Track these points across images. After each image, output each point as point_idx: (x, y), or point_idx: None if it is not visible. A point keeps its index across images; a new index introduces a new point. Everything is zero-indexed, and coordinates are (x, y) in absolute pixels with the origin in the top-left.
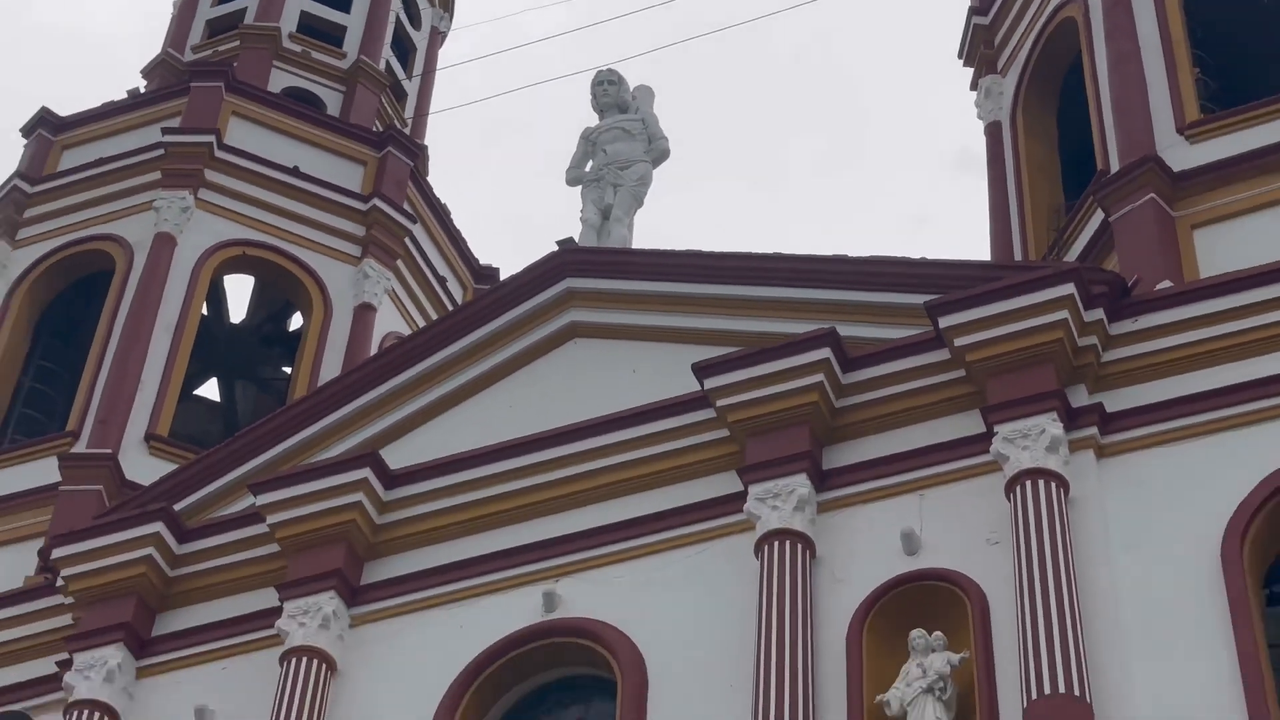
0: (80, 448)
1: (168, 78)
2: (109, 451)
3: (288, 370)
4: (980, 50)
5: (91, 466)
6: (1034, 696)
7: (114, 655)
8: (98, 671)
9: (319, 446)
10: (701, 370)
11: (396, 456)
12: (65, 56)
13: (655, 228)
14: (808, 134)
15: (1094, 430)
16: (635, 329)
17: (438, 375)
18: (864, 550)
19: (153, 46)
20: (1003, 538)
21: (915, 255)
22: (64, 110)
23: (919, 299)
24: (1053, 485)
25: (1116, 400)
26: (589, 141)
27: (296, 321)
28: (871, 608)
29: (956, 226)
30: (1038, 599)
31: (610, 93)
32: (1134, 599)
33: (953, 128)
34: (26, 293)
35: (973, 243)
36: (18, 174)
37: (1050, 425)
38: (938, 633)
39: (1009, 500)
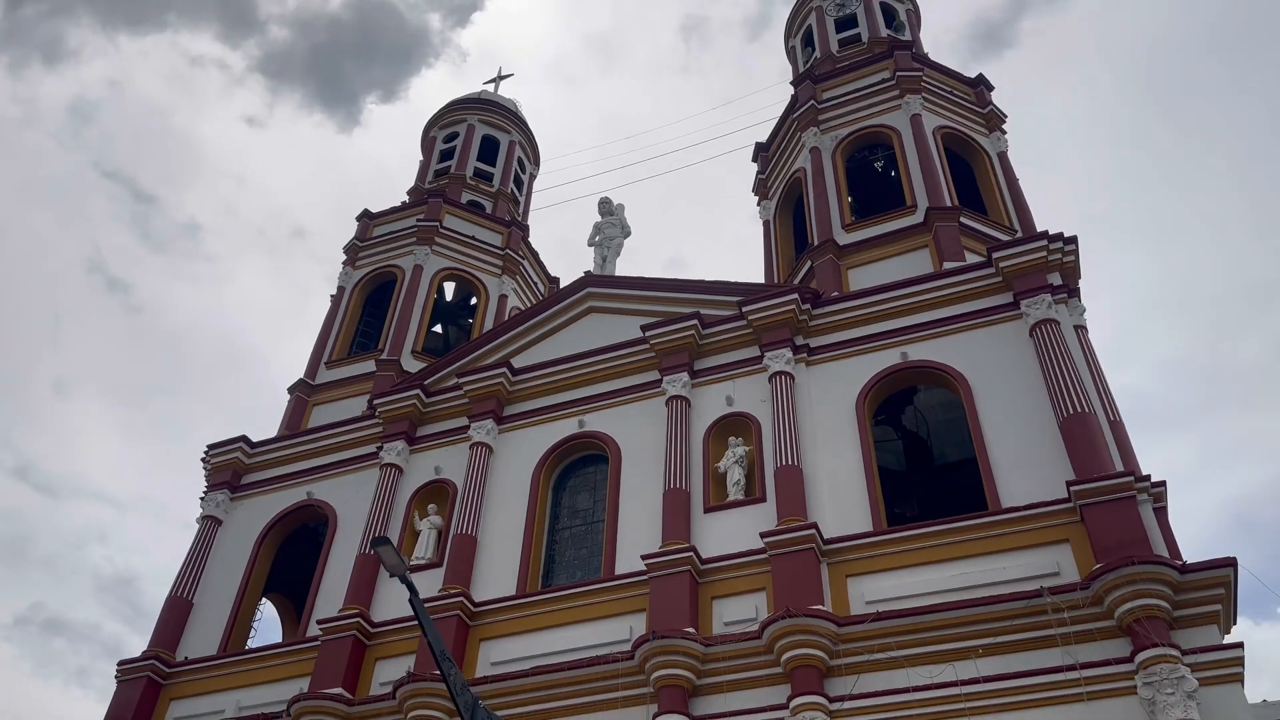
0: None
1: None
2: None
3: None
4: (760, 189)
5: None
6: (778, 466)
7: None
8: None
9: (486, 357)
10: (646, 328)
11: (518, 361)
12: None
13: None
14: (697, 231)
15: (805, 355)
16: (616, 310)
17: (541, 325)
18: (706, 405)
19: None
20: (767, 398)
21: (733, 280)
22: None
23: (735, 299)
24: (786, 378)
25: (816, 342)
26: (596, 228)
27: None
28: (713, 428)
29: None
30: (781, 425)
31: (605, 205)
32: (819, 427)
33: (755, 224)
34: None
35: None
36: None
37: (788, 353)
38: (740, 439)
39: (770, 383)
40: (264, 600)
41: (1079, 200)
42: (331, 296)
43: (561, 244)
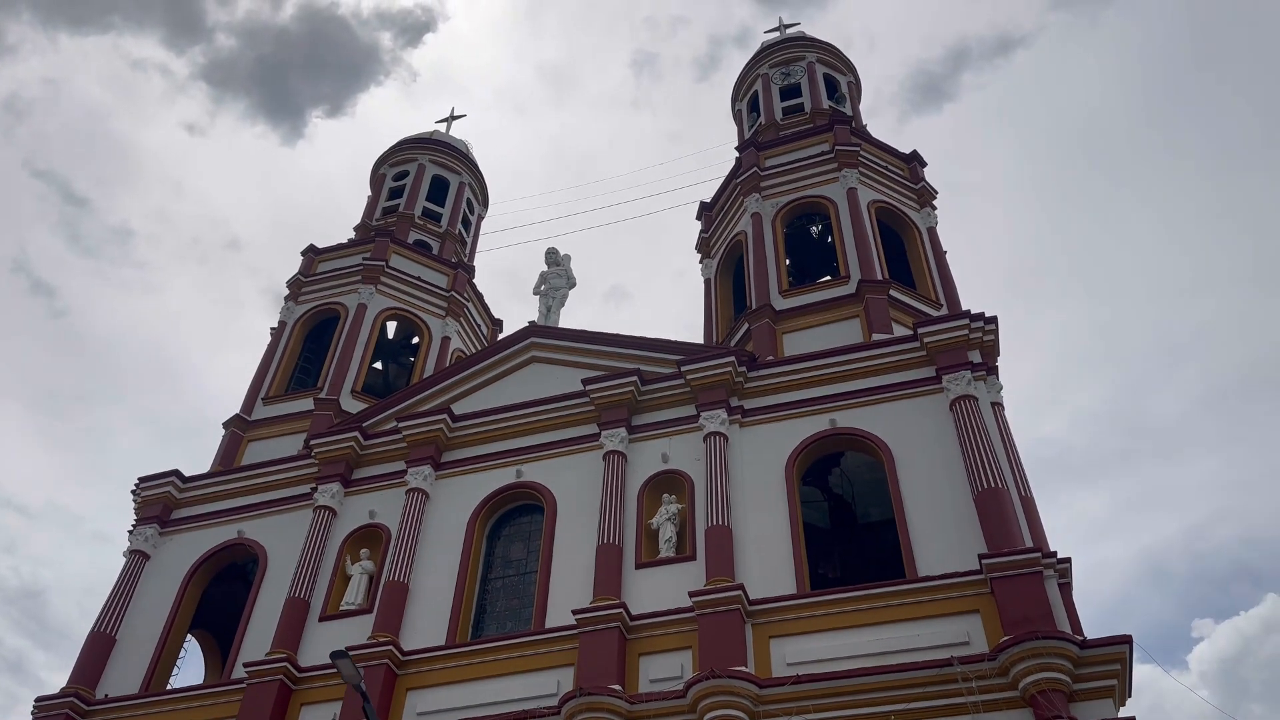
0: None
1: None
2: None
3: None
4: (703, 247)
5: None
6: (709, 525)
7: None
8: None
9: (426, 401)
10: (587, 382)
11: (459, 407)
12: None
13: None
14: (639, 262)
15: (739, 416)
16: (558, 360)
17: (483, 372)
18: (642, 461)
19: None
20: (701, 457)
21: (675, 339)
22: None
23: (675, 357)
24: (721, 438)
25: (750, 404)
26: (542, 277)
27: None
28: (648, 484)
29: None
30: (714, 485)
31: (552, 255)
32: (749, 488)
33: (696, 281)
34: None
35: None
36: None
37: (723, 414)
38: (673, 497)
39: (705, 443)
40: (188, 636)
41: (1011, 252)
42: (272, 330)
43: (507, 274)
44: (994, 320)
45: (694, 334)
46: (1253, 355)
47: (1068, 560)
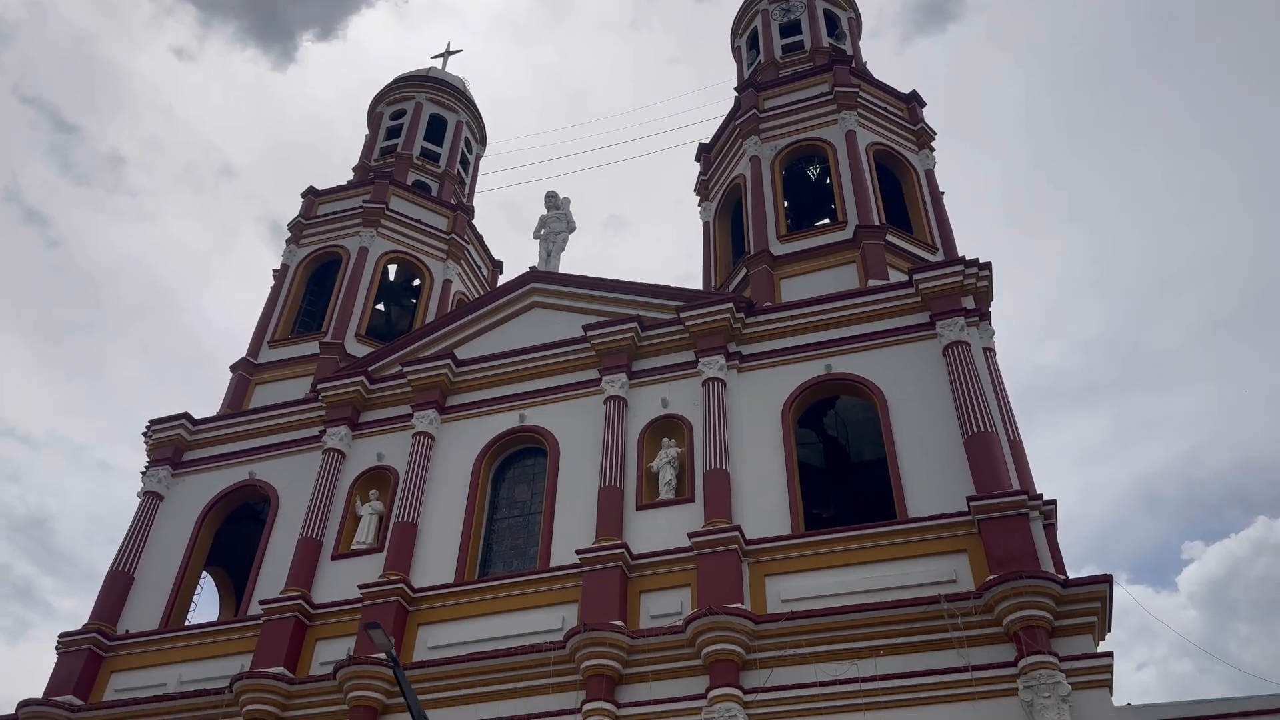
0: None
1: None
2: None
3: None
4: (701, 189)
5: None
6: (707, 468)
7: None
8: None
9: (430, 346)
10: (588, 328)
11: (462, 352)
12: None
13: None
14: (633, 226)
15: (737, 362)
16: (559, 306)
17: (485, 317)
18: (642, 406)
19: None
20: (700, 402)
21: (673, 285)
22: None
23: (675, 303)
24: (719, 384)
25: (747, 350)
26: (542, 221)
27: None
28: (648, 428)
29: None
30: (712, 429)
31: (551, 199)
32: (746, 433)
33: (695, 210)
34: None
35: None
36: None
37: (721, 360)
38: (673, 440)
39: (703, 389)
40: (204, 574)
41: (1010, 180)
42: (274, 272)
43: (505, 205)
44: (988, 266)
45: (692, 264)
46: (1250, 282)
47: (1053, 502)
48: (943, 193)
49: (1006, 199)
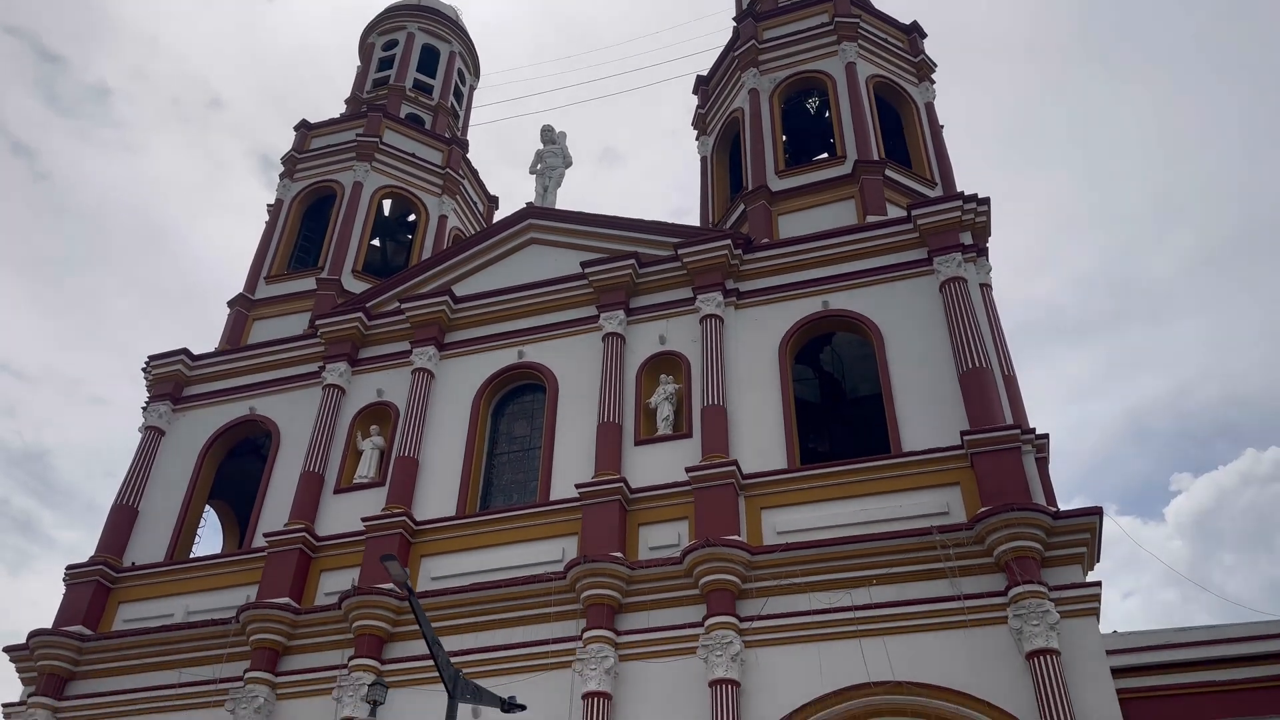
0: None
1: None
2: None
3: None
4: (699, 123)
5: None
6: (704, 404)
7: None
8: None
9: (427, 283)
10: (585, 265)
11: (460, 288)
12: None
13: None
14: (628, 160)
15: (734, 299)
16: (556, 242)
17: (482, 254)
18: (640, 342)
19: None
20: (697, 339)
21: (670, 221)
22: None
23: (673, 240)
24: (716, 320)
25: (745, 286)
26: (538, 156)
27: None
28: (646, 365)
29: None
30: (709, 366)
31: (548, 134)
32: (743, 369)
33: (694, 161)
34: None
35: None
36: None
37: (719, 297)
38: (670, 377)
39: (701, 325)
40: (207, 508)
41: (1004, 112)
42: (269, 207)
43: (498, 138)
44: (986, 201)
45: (686, 197)
46: (1246, 216)
47: (1045, 436)
48: (942, 126)
49: (1003, 131)
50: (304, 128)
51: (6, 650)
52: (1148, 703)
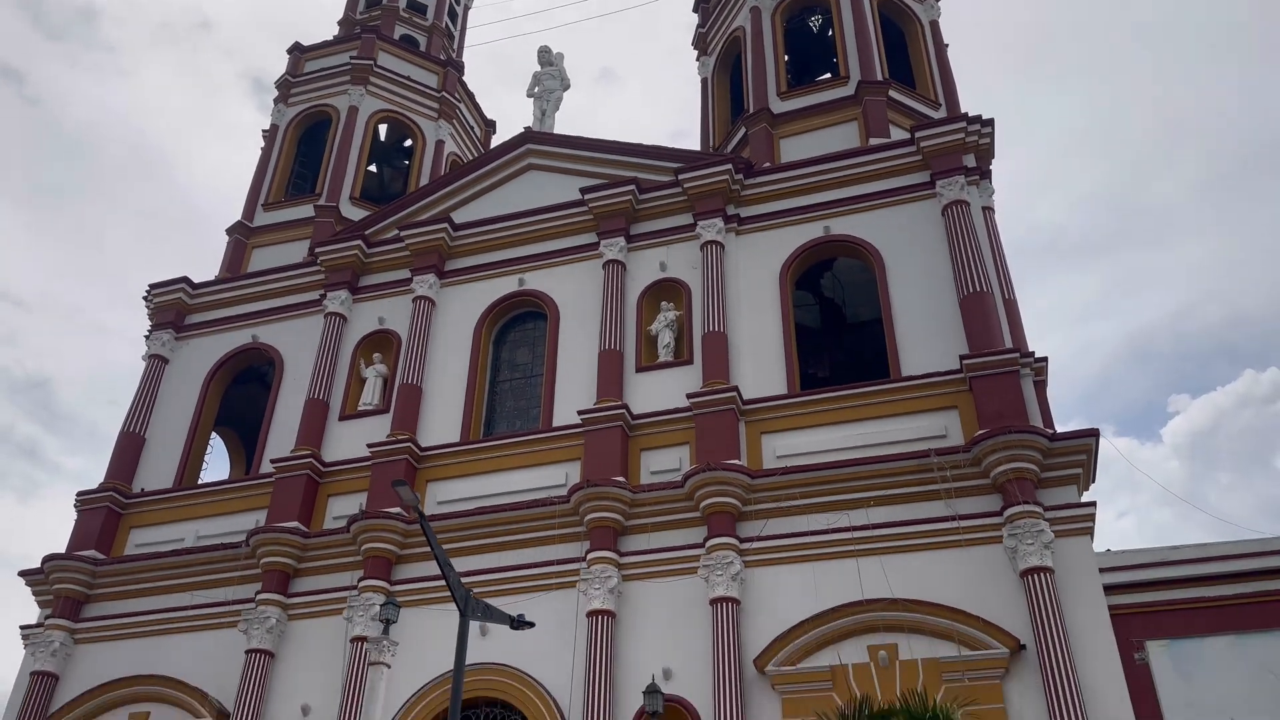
0: None
1: None
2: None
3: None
4: (699, 43)
5: None
6: (705, 331)
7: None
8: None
9: (426, 210)
10: (585, 191)
11: (459, 215)
12: None
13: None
14: (625, 81)
15: (735, 225)
16: (555, 168)
17: (481, 180)
18: (640, 269)
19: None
20: (698, 265)
21: (670, 145)
22: None
23: (673, 165)
24: (717, 247)
25: (746, 212)
26: (535, 78)
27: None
28: (647, 292)
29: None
30: (710, 292)
31: (545, 55)
32: (744, 295)
33: (694, 81)
34: None
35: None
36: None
37: (720, 223)
38: (671, 304)
39: (701, 252)
40: (213, 434)
41: (1012, 31)
42: (264, 133)
43: (495, 57)
44: (990, 123)
45: (685, 119)
46: (1251, 137)
47: (1044, 359)
48: (947, 45)
49: (1008, 52)
50: (297, 50)
51: (22, 574)
52: (1140, 618)
